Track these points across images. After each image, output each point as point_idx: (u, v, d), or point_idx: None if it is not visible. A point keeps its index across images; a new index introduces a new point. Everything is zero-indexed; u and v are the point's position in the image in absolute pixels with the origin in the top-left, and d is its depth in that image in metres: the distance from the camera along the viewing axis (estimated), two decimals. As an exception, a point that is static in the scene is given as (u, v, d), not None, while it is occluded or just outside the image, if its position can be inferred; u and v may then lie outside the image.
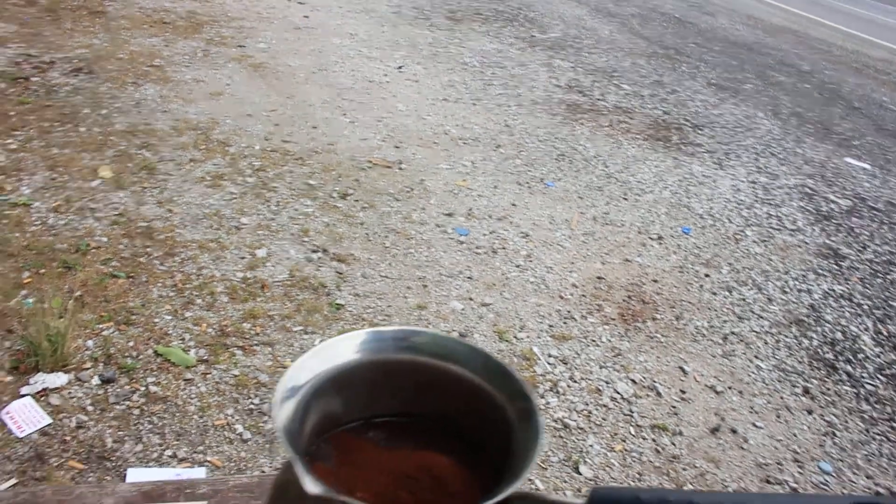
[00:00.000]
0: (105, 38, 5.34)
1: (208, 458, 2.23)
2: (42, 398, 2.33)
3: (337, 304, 3.00)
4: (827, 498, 0.35)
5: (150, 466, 2.16)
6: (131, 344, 2.61)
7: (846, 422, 3.03)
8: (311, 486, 0.47)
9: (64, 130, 3.95)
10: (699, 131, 5.87)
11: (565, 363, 2.97)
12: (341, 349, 0.64)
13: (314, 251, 3.33)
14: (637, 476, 2.52)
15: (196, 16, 6.21)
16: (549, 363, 2.94)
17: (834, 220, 4.82)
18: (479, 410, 0.63)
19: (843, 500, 0.38)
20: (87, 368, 2.48)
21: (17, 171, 3.49)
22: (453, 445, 0.64)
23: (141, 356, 2.57)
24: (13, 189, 3.36)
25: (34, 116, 4.02)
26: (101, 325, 2.67)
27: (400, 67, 5.94)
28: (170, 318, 2.77)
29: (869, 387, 3.25)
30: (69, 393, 2.38)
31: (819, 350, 3.45)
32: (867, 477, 2.75)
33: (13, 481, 2.05)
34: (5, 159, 3.57)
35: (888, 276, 4.19)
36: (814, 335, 3.55)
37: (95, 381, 2.44)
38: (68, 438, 2.22)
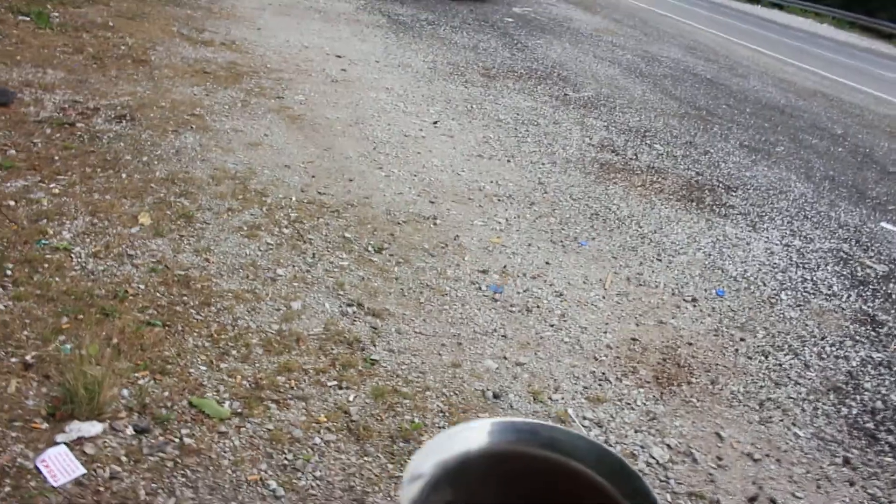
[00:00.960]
0: (148, 86, 5.46)
1: (241, 514, 2.21)
2: (77, 447, 2.33)
3: (371, 360, 2.99)
4: None
5: (183, 521, 2.14)
6: (166, 394, 2.61)
7: (889, 495, 2.95)
8: None
9: (106, 176, 4.02)
10: (732, 193, 5.86)
11: (600, 426, 2.93)
12: (463, 437, 0.64)
13: (349, 305, 3.34)
14: (676, 548, 2.46)
15: (236, 66, 6.35)
16: (583, 425, 2.90)
17: (870, 286, 4.75)
18: None
19: None
20: (122, 418, 2.48)
21: (60, 216, 3.55)
22: None
23: (175, 407, 2.57)
24: (55, 233, 3.41)
25: (77, 161, 4.10)
26: (136, 374, 2.67)
27: (435, 122, 6.01)
28: (205, 368, 2.77)
29: (911, 460, 3.16)
30: (104, 442, 2.37)
31: (859, 419, 3.38)
32: (912, 556, 2.66)
33: (46, 531, 2.05)
34: (48, 203, 3.63)
35: (928, 346, 4.11)
36: (853, 403, 3.48)
37: (130, 431, 2.44)
38: (102, 489, 2.21)
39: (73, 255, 3.28)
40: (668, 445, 2.93)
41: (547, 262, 4.11)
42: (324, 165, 4.74)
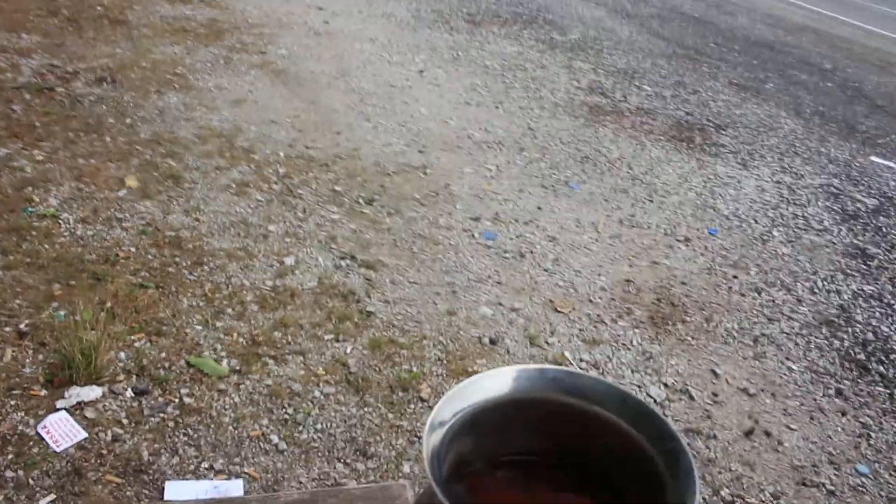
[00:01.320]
0: (127, 47, 5.36)
1: (245, 470, 2.23)
2: (77, 412, 2.34)
3: (367, 312, 3.00)
4: None
5: (187, 479, 2.16)
6: (163, 355, 2.61)
7: (881, 423, 3.00)
8: None
9: (89, 141, 3.97)
10: (722, 132, 5.83)
11: (597, 367, 2.95)
12: (485, 386, 0.64)
13: (342, 258, 3.33)
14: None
15: (217, 23, 6.23)
16: (581, 368, 2.92)
17: (861, 220, 4.77)
18: (621, 454, 0.61)
19: None
20: (121, 381, 2.48)
21: (45, 183, 3.51)
22: (595, 489, 0.63)
23: (173, 367, 2.57)
24: (41, 200, 3.38)
25: (59, 127, 4.04)
26: (132, 337, 2.67)
27: (421, 72, 5.94)
28: (201, 328, 2.77)
29: (904, 389, 3.21)
30: (104, 406, 2.38)
31: (850, 351, 3.42)
32: (906, 481, 2.71)
33: (51, 497, 2.06)
34: (32, 171, 3.59)
35: (919, 276, 4.13)
36: (845, 336, 3.52)
37: (129, 393, 2.44)
38: (105, 452, 2.22)
39: (60, 222, 3.25)
40: (665, 384, 2.96)
41: (539, 208, 4.10)
42: (310, 119, 4.69)
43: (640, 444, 0.60)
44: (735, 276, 3.80)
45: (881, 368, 3.34)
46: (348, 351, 2.78)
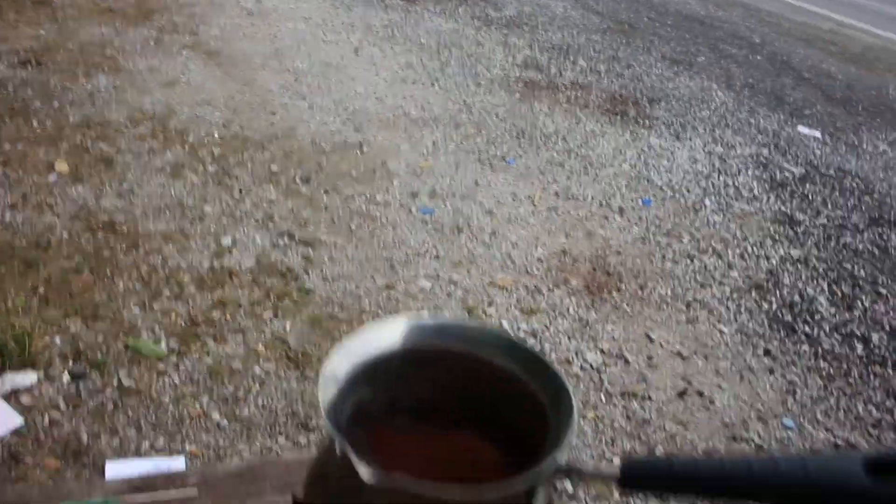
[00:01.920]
0: (52, 28, 5.23)
1: (187, 448, 2.23)
2: (12, 398, 2.31)
3: (306, 289, 3.01)
4: (840, 458, 0.38)
5: (128, 458, 2.15)
6: (100, 339, 2.59)
7: (806, 380, 3.12)
8: (367, 475, 0.48)
9: (15, 125, 3.88)
10: (655, 105, 5.94)
11: (535, 336, 3.02)
12: (378, 337, 0.66)
13: (280, 236, 3.33)
14: (610, 441, 2.58)
15: (146, 3, 6.10)
16: (519, 336, 2.98)
17: (789, 188, 4.92)
18: (511, 394, 0.65)
19: (855, 458, 0.40)
20: (57, 366, 2.46)
21: (-29, 169, 3.43)
22: (489, 430, 0.66)
23: (111, 350, 2.55)
24: (-33, 187, 3.30)
25: (-16, 112, 3.94)
26: (67, 322, 2.64)
27: (356, 50, 5.91)
28: (138, 310, 2.75)
29: (826, 345, 3.35)
30: (40, 391, 2.36)
31: (778, 313, 3.54)
32: (826, 430, 2.84)
33: (-11, 481, 2.04)
34: (-43, 157, 3.50)
35: (840, 240, 4.29)
36: (773, 299, 3.64)
37: (66, 378, 2.42)
38: (42, 437, 2.21)
39: (-12, 208, 3.19)
40: (601, 350, 3.04)
41: (476, 182, 4.14)
42: (245, 100, 4.64)
43: (527, 385, 0.64)
44: (668, 245, 3.90)
45: (806, 329, 3.47)
46: (288, 328, 2.79)
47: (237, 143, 4.09)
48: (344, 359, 0.64)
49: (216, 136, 4.12)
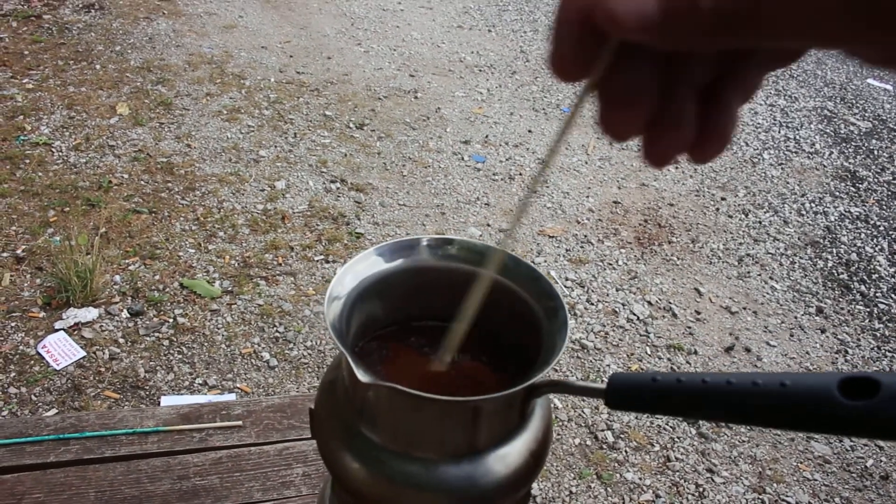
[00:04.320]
0: (115, -28, 5.29)
1: (238, 385, 2.32)
2: (75, 332, 2.42)
3: (357, 233, 3.05)
4: (816, 376, 0.40)
5: (181, 395, 2.25)
6: (157, 277, 2.68)
7: (858, 340, 3.07)
8: (362, 376, 0.52)
9: (79, 68, 3.96)
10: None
11: (582, 286, 3.02)
12: (381, 257, 0.69)
13: (332, 181, 3.37)
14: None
15: (205, -53, 6.12)
16: (566, 286, 2.99)
17: (853, 143, 4.77)
18: (511, 311, 0.68)
19: (830, 377, 0.43)
20: (116, 303, 2.56)
21: (36, 111, 3.53)
22: (487, 346, 0.69)
23: (167, 289, 2.64)
24: (33, 129, 3.40)
25: (48, 55, 4.03)
26: (127, 261, 2.74)
27: (412, -5, 5.86)
28: (193, 251, 2.83)
29: (882, 305, 3.28)
30: (100, 326, 2.46)
31: (834, 271, 3.48)
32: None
33: (54, 411, 2.15)
34: (23, 99, 3.60)
35: (907, 196, 4.17)
36: (829, 256, 3.57)
37: (125, 314, 2.52)
38: (103, 370, 2.31)
39: (53, 150, 3.29)
40: (649, 302, 3.03)
41: (529, 131, 4.11)
42: (301, 44, 4.66)
43: (527, 302, 0.67)
44: (723, 198, 3.84)
45: (862, 288, 3.40)
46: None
47: (293, 87, 4.12)
48: (346, 279, 0.67)
49: (272, 80, 4.16)
